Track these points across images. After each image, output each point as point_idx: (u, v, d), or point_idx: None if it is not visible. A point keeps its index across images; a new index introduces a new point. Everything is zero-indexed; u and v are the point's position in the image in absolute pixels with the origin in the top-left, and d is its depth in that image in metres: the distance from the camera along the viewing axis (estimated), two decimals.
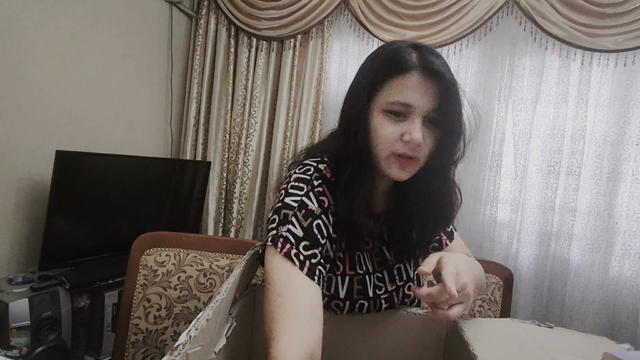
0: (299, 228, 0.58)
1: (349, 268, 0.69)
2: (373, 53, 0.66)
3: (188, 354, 0.40)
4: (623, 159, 1.76)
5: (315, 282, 0.56)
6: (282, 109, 2.20)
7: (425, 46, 0.61)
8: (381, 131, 0.60)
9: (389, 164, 0.61)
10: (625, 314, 1.73)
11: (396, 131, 0.59)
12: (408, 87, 0.58)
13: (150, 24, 2.06)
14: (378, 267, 0.72)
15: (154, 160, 2.01)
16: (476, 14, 1.86)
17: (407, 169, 0.61)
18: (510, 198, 1.94)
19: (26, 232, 1.51)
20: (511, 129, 1.93)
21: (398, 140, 0.59)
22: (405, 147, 0.59)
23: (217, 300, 0.49)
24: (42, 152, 1.51)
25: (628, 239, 1.75)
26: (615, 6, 1.68)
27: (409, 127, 0.59)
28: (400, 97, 0.58)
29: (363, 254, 0.71)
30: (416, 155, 0.60)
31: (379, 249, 0.72)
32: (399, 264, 0.74)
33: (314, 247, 0.58)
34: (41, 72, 1.53)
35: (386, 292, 0.71)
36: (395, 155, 0.60)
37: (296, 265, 0.55)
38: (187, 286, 0.92)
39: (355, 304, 0.68)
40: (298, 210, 0.59)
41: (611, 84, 1.78)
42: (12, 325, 1.26)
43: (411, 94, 0.58)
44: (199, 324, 0.43)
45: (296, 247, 0.57)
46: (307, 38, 2.17)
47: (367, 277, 0.69)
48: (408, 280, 0.74)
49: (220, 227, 2.30)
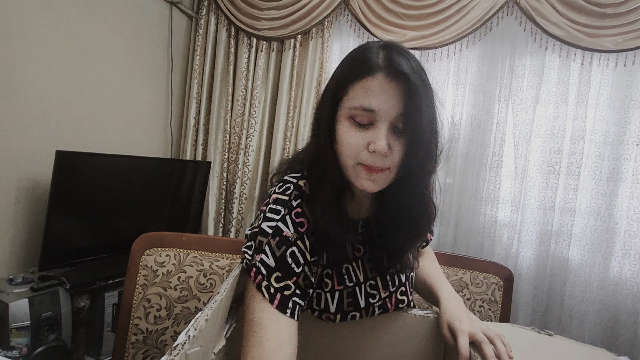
0: (272, 258, 0.56)
1: (337, 283, 0.66)
2: (345, 57, 0.62)
3: (187, 354, 0.40)
4: (623, 159, 1.75)
5: (287, 315, 0.54)
6: (282, 109, 2.20)
7: (396, 46, 0.56)
8: (346, 140, 0.56)
9: (357, 174, 0.57)
10: (625, 314, 1.73)
11: (361, 140, 0.55)
12: (370, 90, 0.53)
13: (150, 24, 2.06)
14: (371, 274, 0.69)
15: (154, 160, 2.01)
16: (476, 14, 1.86)
17: (376, 180, 0.56)
18: (511, 198, 1.94)
19: (26, 232, 1.51)
20: (511, 129, 1.93)
21: (364, 149, 0.55)
22: (371, 158, 0.54)
23: (216, 301, 0.49)
24: (42, 152, 1.51)
25: (628, 239, 1.74)
26: (615, 6, 1.68)
27: (374, 135, 0.54)
28: (362, 102, 0.54)
29: (352, 265, 0.68)
30: (384, 166, 0.55)
31: (371, 254, 0.69)
32: (392, 270, 0.71)
33: (286, 279, 0.56)
34: (41, 72, 1.53)
35: (380, 300, 0.69)
36: (363, 165, 0.55)
37: (266, 298, 0.54)
38: (187, 286, 0.92)
39: (347, 315, 0.67)
40: (272, 237, 0.57)
41: (611, 84, 1.78)
42: (12, 326, 1.26)
43: (374, 99, 0.53)
44: (198, 324, 0.43)
45: (267, 279, 0.55)
46: (307, 38, 2.17)
47: (357, 288, 0.67)
48: (400, 285, 0.72)
49: (221, 227, 2.30)
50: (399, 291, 0.71)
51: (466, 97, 2.00)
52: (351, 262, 0.68)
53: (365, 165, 0.55)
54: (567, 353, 0.63)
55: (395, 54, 0.54)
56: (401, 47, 0.56)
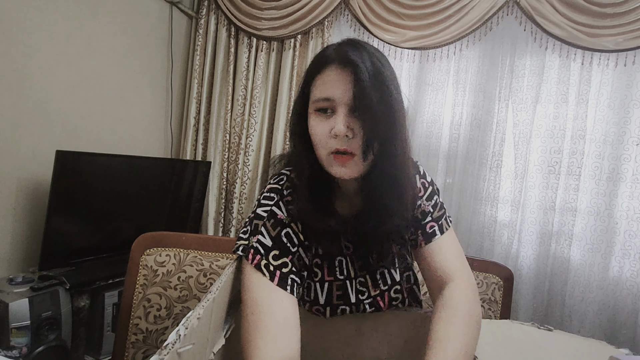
0: (268, 237, 0.59)
1: (327, 274, 0.67)
2: None
3: (179, 352, 0.39)
4: (623, 159, 1.75)
5: (287, 291, 0.56)
6: (282, 109, 2.20)
7: (352, 40, 0.60)
8: (314, 131, 0.59)
9: (330, 163, 0.59)
10: (625, 314, 1.73)
11: (326, 128, 0.58)
12: (327, 81, 0.58)
13: (150, 24, 2.06)
14: (360, 272, 0.69)
15: (154, 160, 2.01)
16: (476, 14, 1.86)
17: (347, 165, 0.58)
18: (511, 198, 1.94)
19: (26, 232, 1.51)
20: (511, 129, 1.92)
21: (329, 137, 0.58)
22: (336, 143, 0.57)
23: (209, 300, 0.49)
24: (42, 152, 1.51)
25: (628, 239, 1.74)
26: (615, 6, 1.68)
27: (334, 120, 0.57)
28: (321, 93, 0.58)
29: (345, 259, 0.69)
30: (350, 149, 0.57)
31: (360, 253, 0.69)
32: (382, 268, 0.70)
33: (283, 256, 0.59)
34: (41, 72, 1.53)
35: (369, 297, 0.69)
36: (334, 154, 0.58)
37: (266, 276, 0.56)
38: (187, 286, 0.92)
39: (336, 309, 0.68)
40: (267, 219, 0.61)
41: (611, 84, 1.78)
42: (12, 325, 1.26)
43: (329, 88, 0.57)
44: (189, 322, 0.43)
45: (266, 257, 0.58)
46: (307, 38, 2.17)
47: (347, 282, 0.68)
48: (394, 283, 0.70)
49: (221, 227, 2.30)
50: (392, 289, 0.70)
51: (466, 97, 2.00)
52: (345, 255, 0.69)
53: (335, 154, 0.58)
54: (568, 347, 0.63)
55: (348, 46, 0.59)
56: (356, 40, 0.60)
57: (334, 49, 0.60)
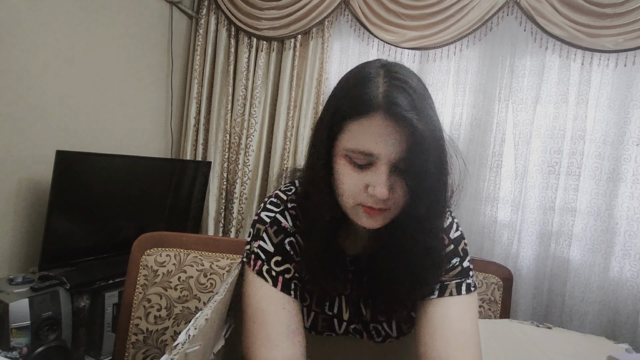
0: (270, 244, 0.57)
1: (315, 305, 0.62)
2: (342, 78, 0.55)
3: (187, 353, 0.40)
4: (623, 159, 1.75)
5: (291, 296, 0.54)
6: (283, 109, 2.20)
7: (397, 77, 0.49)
8: (344, 180, 0.51)
9: (357, 213, 0.52)
10: (625, 314, 1.73)
11: (360, 182, 0.50)
12: (369, 132, 0.47)
13: (151, 24, 2.06)
14: (354, 318, 0.63)
15: (154, 160, 2.01)
16: (476, 14, 1.86)
17: (377, 218, 0.51)
18: (511, 198, 1.94)
19: (26, 232, 1.51)
20: (511, 129, 1.92)
21: (363, 191, 0.50)
22: (371, 200, 0.50)
23: (216, 301, 0.49)
24: (42, 152, 1.51)
25: (628, 240, 1.74)
26: (615, 6, 1.68)
27: (373, 178, 0.48)
28: (359, 145, 0.48)
29: (339, 297, 0.62)
30: (386, 207, 0.50)
31: (356, 300, 0.62)
32: (376, 324, 0.62)
33: (286, 263, 0.56)
34: (41, 72, 1.53)
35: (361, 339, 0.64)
36: (363, 206, 0.51)
37: (269, 282, 0.54)
38: (188, 286, 0.92)
39: (321, 334, 0.64)
40: (270, 226, 0.58)
41: (611, 85, 1.78)
42: (13, 326, 1.26)
43: (372, 141, 0.47)
44: (198, 323, 0.43)
45: (267, 263, 0.56)
46: (308, 38, 2.17)
47: (335, 320, 0.62)
48: (387, 337, 0.63)
49: (221, 227, 2.30)
50: (387, 341, 0.63)
51: (466, 97, 2.00)
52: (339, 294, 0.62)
53: (365, 207, 0.51)
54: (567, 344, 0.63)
55: (397, 90, 0.47)
56: (404, 78, 0.49)
57: (381, 89, 0.48)
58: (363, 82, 0.49)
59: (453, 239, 0.60)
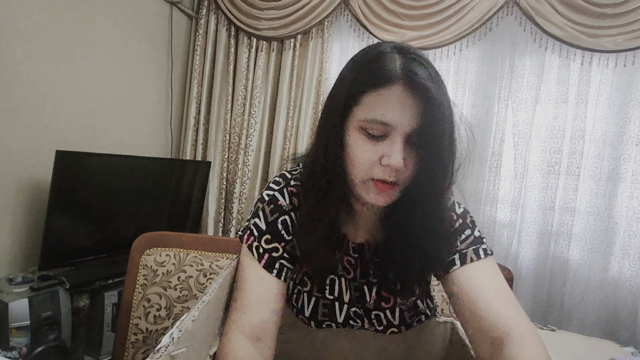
0: (263, 222, 0.60)
1: (316, 289, 0.62)
2: (354, 56, 0.56)
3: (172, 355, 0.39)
4: (623, 159, 1.76)
5: (273, 274, 0.57)
6: (282, 109, 2.20)
7: (412, 52, 0.51)
8: (357, 153, 0.51)
9: (366, 189, 0.52)
10: (624, 314, 1.73)
11: (374, 152, 0.50)
12: (387, 102, 0.49)
13: (150, 24, 2.06)
14: (356, 302, 0.62)
15: (154, 160, 2.01)
16: (476, 14, 1.86)
17: (384, 194, 0.52)
18: (510, 198, 1.94)
19: (26, 232, 1.51)
20: (511, 129, 1.93)
21: (376, 164, 0.50)
22: (384, 172, 0.50)
23: (204, 301, 0.49)
24: (42, 152, 1.51)
25: (628, 239, 1.75)
26: (614, 6, 1.68)
27: (389, 149, 0.49)
28: (377, 115, 0.49)
29: (340, 280, 0.62)
30: (396, 180, 0.51)
31: (360, 285, 0.62)
32: (378, 311, 0.62)
33: (275, 242, 0.58)
34: (41, 72, 1.53)
35: (362, 327, 0.63)
36: (374, 180, 0.51)
37: (255, 257, 0.57)
38: (187, 286, 0.92)
39: (321, 324, 0.63)
40: (267, 204, 0.60)
41: (611, 84, 1.78)
42: (12, 325, 1.26)
43: (390, 111, 0.48)
44: (183, 325, 0.43)
45: (258, 240, 0.58)
46: (307, 38, 2.17)
47: (337, 303, 0.62)
48: (390, 325, 0.63)
49: (220, 227, 2.30)
50: (388, 331, 0.63)
51: (466, 97, 2.00)
52: (339, 276, 0.62)
53: (376, 181, 0.51)
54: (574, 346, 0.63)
55: (414, 63, 0.49)
56: (419, 54, 0.51)
57: (398, 63, 0.49)
58: (380, 56, 0.51)
59: (460, 214, 0.62)
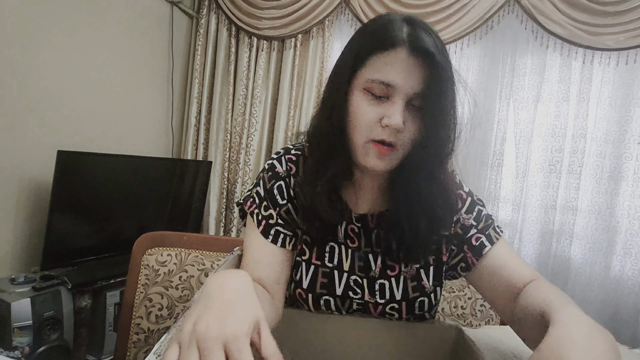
0: (262, 189, 0.63)
1: (315, 257, 0.62)
2: (363, 25, 0.60)
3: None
4: (624, 157, 1.75)
5: (269, 240, 0.60)
6: (283, 108, 2.20)
7: (420, 21, 0.54)
8: (359, 112, 0.53)
9: (367, 151, 0.54)
10: (626, 312, 1.73)
11: (375, 113, 0.52)
12: (391, 64, 0.51)
13: (151, 24, 2.06)
14: (358, 272, 0.62)
15: (155, 160, 2.01)
16: (477, 13, 1.86)
17: (385, 158, 0.54)
18: (512, 197, 1.93)
19: (28, 232, 1.52)
20: (512, 128, 1.92)
21: (377, 124, 0.52)
22: (383, 133, 0.52)
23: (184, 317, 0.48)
24: (43, 152, 1.52)
25: (629, 238, 1.74)
26: (616, 4, 1.68)
27: (389, 109, 0.51)
28: (381, 75, 0.51)
29: (340, 247, 0.62)
30: (395, 142, 0.53)
31: (365, 254, 0.63)
32: (384, 279, 0.62)
33: (270, 208, 0.61)
34: (42, 73, 1.53)
35: (361, 299, 0.61)
36: (374, 142, 0.53)
37: (254, 222, 0.61)
38: (189, 286, 0.92)
39: (318, 299, 0.61)
40: (267, 172, 0.64)
41: (612, 83, 1.78)
42: (14, 325, 1.26)
43: (394, 73, 0.51)
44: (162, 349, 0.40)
45: (258, 206, 0.62)
46: (308, 37, 2.17)
47: (336, 272, 0.61)
48: (392, 300, 0.61)
49: (222, 227, 2.31)
50: (388, 306, 0.62)
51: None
52: (339, 243, 0.62)
53: (376, 142, 0.53)
54: None
55: (420, 30, 0.52)
56: (425, 24, 0.54)
57: (405, 30, 0.52)
58: (388, 23, 0.54)
59: (467, 192, 0.66)
